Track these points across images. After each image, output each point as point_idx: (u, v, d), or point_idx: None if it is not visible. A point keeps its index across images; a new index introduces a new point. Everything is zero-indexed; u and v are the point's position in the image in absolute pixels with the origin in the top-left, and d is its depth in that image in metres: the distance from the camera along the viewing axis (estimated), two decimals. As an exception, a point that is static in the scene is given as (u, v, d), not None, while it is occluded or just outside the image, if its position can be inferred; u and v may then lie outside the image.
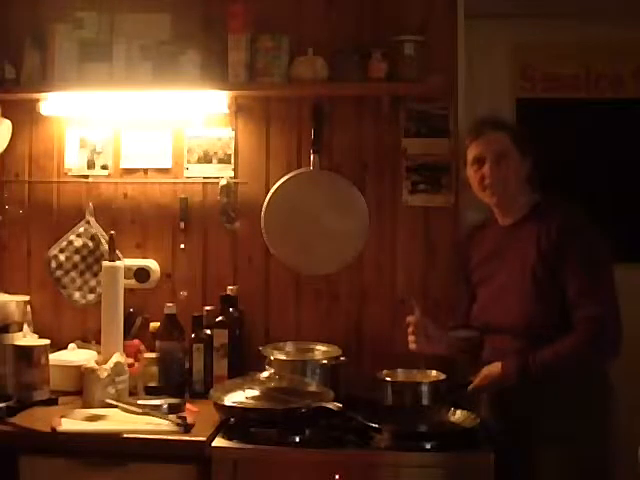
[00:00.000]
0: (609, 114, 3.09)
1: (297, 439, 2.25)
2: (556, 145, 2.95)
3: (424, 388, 2.45)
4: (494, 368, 2.29)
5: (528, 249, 2.30)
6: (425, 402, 2.44)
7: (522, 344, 2.27)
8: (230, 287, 2.84)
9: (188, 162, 2.94)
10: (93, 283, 2.93)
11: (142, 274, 2.91)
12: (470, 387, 2.34)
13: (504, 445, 2.21)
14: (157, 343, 2.71)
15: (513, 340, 2.30)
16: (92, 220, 2.95)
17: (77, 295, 2.95)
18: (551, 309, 2.25)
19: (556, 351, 2.20)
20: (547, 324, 2.25)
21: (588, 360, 2.24)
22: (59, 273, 2.95)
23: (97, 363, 2.55)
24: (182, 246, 2.94)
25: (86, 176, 2.98)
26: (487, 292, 2.44)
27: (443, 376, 2.50)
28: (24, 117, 2.98)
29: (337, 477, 2.16)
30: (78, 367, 2.61)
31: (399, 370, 2.56)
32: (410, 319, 2.49)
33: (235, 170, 2.93)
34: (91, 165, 2.98)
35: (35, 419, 2.40)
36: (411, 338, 2.49)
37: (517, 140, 2.36)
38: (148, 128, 2.95)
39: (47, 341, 2.63)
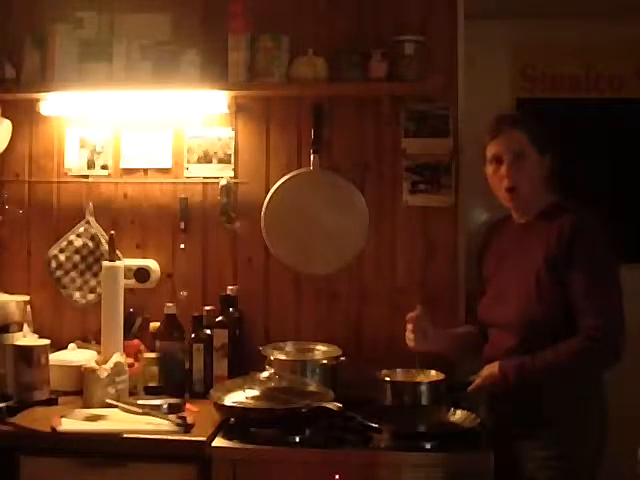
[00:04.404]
0: (609, 114, 3.09)
1: (297, 439, 2.25)
2: (556, 145, 2.95)
3: (424, 388, 2.45)
4: (493, 368, 2.28)
5: (536, 249, 2.29)
6: (425, 402, 2.44)
7: (520, 342, 2.27)
8: (230, 287, 2.84)
9: (188, 162, 2.94)
10: (93, 283, 2.93)
11: (142, 274, 2.91)
12: (470, 387, 2.34)
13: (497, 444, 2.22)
14: (157, 343, 2.72)
15: (511, 337, 2.30)
16: (92, 220, 2.95)
17: (77, 295, 2.95)
18: (552, 309, 2.24)
19: (556, 355, 2.19)
20: (547, 324, 2.24)
21: (588, 366, 2.23)
22: (59, 273, 2.95)
23: (97, 363, 2.55)
24: (182, 246, 2.94)
25: (86, 176, 2.98)
26: (493, 288, 2.44)
27: (443, 376, 2.50)
28: (24, 117, 2.98)
29: (337, 477, 2.16)
30: (78, 367, 2.61)
31: (399, 370, 2.56)
32: (410, 316, 2.50)
33: (235, 170, 2.93)
34: (91, 165, 2.98)
35: (35, 419, 2.40)
36: (410, 336, 2.49)
37: (536, 139, 2.33)
38: (148, 128, 2.95)
39: (47, 341, 2.63)
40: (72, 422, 2.35)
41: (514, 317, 2.30)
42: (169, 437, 2.27)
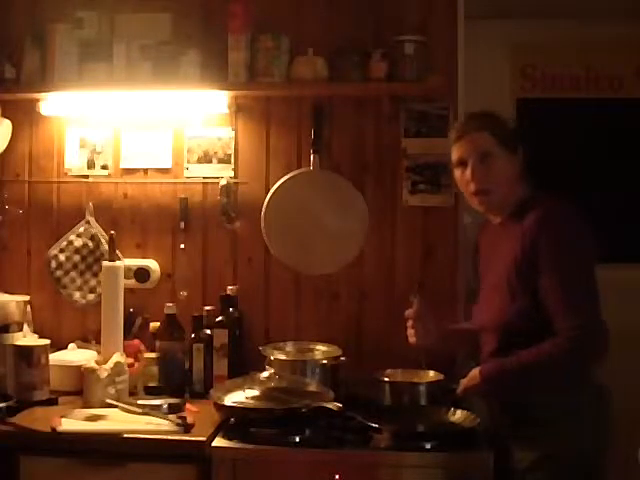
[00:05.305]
0: (609, 114, 3.09)
1: (297, 439, 2.24)
2: (556, 145, 2.95)
3: (422, 388, 2.45)
4: (476, 371, 2.25)
5: (510, 248, 2.22)
6: (424, 402, 2.44)
7: (500, 344, 2.24)
8: (230, 287, 2.84)
9: (188, 162, 2.94)
10: (93, 283, 2.93)
11: (142, 274, 2.91)
12: (458, 390, 2.32)
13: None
14: (157, 343, 2.72)
15: (492, 340, 2.27)
16: (92, 220, 2.95)
17: (77, 295, 2.95)
18: (526, 311, 2.18)
19: (536, 356, 2.13)
20: (523, 325, 2.19)
21: (569, 367, 2.16)
22: (59, 273, 2.95)
23: (97, 363, 2.55)
24: (182, 246, 2.94)
25: (86, 176, 2.98)
26: (482, 291, 2.43)
27: (441, 376, 2.50)
28: (24, 117, 2.98)
29: (337, 477, 2.16)
30: (78, 367, 2.61)
31: (399, 370, 2.56)
32: (409, 313, 2.48)
33: (235, 170, 2.93)
34: (91, 165, 2.98)
35: (35, 419, 2.40)
36: (410, 332, 2.48)
37: (503, 138, 2.25)
38: (148, 128, 2.95)
39: (47, 341, 2.63)
40: (72, 422, 2.35)
41: (491, 320, 2.28)
42: (169, 437, 2.27)
